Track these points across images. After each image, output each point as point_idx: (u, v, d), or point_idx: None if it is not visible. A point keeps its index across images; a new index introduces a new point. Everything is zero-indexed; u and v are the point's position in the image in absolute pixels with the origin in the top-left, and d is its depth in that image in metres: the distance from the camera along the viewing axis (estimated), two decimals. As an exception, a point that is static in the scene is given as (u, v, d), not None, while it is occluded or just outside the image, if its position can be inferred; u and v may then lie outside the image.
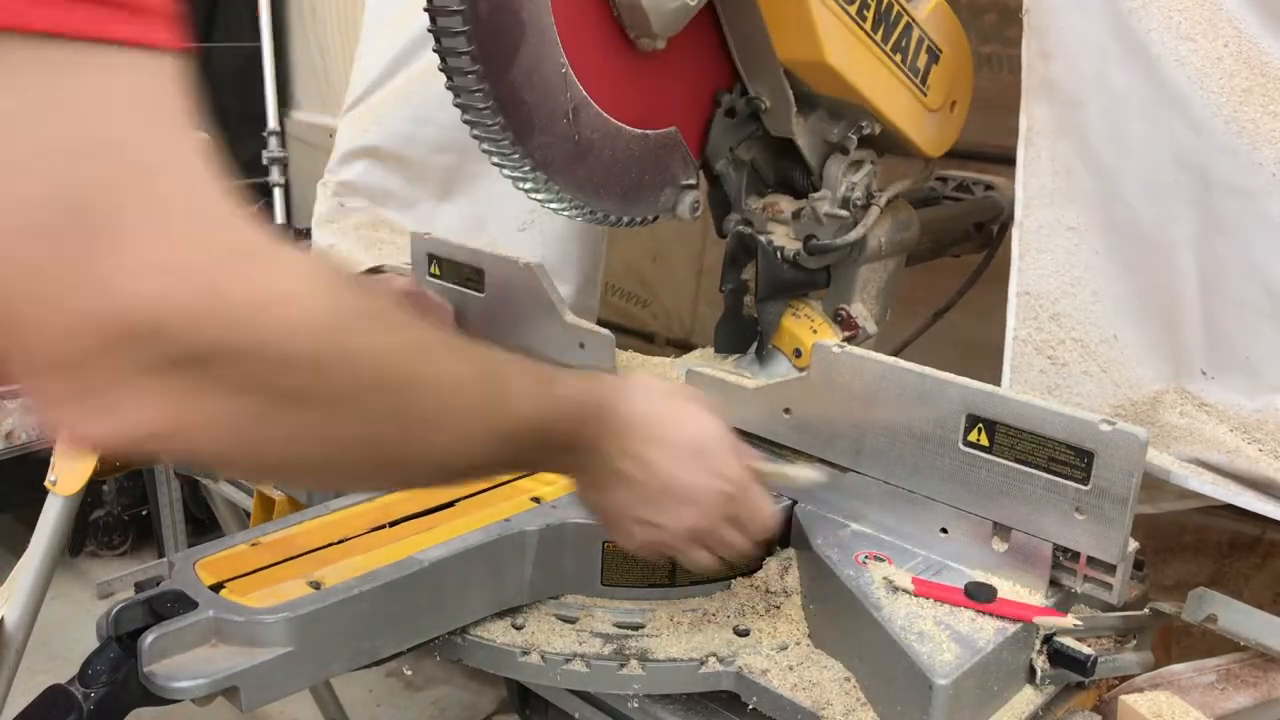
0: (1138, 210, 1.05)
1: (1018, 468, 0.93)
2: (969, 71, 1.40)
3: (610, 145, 1.20)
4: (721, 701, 0.98)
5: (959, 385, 0.96)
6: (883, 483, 1.03)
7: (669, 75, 1.23)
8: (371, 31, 1.93)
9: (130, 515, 3.30)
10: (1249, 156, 0.97)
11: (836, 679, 0.92)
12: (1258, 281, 0.99)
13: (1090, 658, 0.90)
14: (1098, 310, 1.09)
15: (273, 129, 3.41)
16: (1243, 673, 1.00)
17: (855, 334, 1.39)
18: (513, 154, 1.13)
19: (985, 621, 0.91)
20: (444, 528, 1.01)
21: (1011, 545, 0.96)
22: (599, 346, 1.27)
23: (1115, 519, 0.89)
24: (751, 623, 0.99)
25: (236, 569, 0.93)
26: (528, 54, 1.09)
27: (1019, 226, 1.13)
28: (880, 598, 0.93)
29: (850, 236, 1.32)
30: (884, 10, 1.23)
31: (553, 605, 1.03)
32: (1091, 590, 0.94)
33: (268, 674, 0.85)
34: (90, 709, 0.83)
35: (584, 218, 1.23)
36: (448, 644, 0.99)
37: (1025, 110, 1.12)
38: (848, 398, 1.03)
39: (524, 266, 1.33)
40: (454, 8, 1.03)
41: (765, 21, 1.20)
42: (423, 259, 1.49)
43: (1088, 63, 1.06)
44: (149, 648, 0.82)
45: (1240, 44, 0.97)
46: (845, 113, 1.31)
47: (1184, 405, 1.06)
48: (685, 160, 1.29)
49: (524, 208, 1.68)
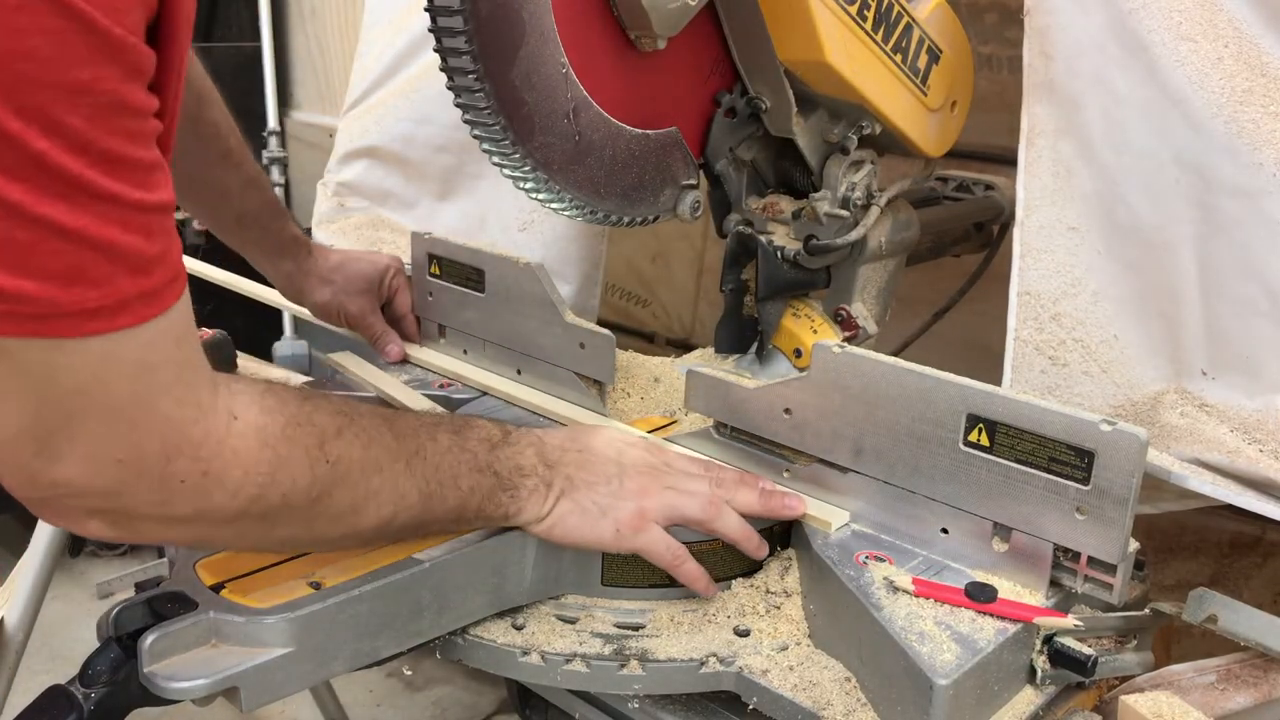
0: (1138, 210, 1.05)
1: (1018, 468, 0.93)
2: (969, 71, 1.40)
3: (611, 145, 1.20)
4: (721, 701, 0.98)
5: (959, 385, 0.96)
6: (883, 483, 1.03)
7: (669, 75, 1.23)
8: (371, 31, 1.93)
9: (130, 515, 3.30)
10: (1249, 157, 0.97)
11: (836, 679, 0.92)
12: (1258, 281, 0.99)
13: (1090, 658, 0.90)
14: (1098, 310, 1.09)
15: (273, 129, 3.41)
16: (1243, 673, 1.00)
17: (855, 334, 1.39)
18: (513, 154, 1.13)
19: (985, 622, 0.91)
20: (444, 528, 1.01)
21: (1012, 545, 0.96)
22: (599, 346, 1.27)
23: (1115, 519, 0.89)
24: (751, 623, 0.99)
25: (236, 569, 0.93)
26: (528, 54, 1.09)
27: (1020, 226, 1.13)
28: (880, 598, 0.93)
29: (850, 236, 1.32)
30: (884, 10, 1.23)
31: (553, 605, 1.03)
32: (1092, 590, 0.94)
33: (268, 674, 0.85)
34: (90, 709, 0.83)
35: (584, 218, 1.23)
36: (448, 644, 0.99)
37: (1026, 110, 1.12)
38: (848, 398, 1.03)
39: (524, 266, 1.33)
40: (454, 8, 1.03)
41: (765, 21, 1.20)
42: (423, 259, 1.48)
43: (1088, 63, 1.06)
44: (149, 648, 0.82)
45: (1240, 45, 0.97)
46: (845, 113, 1.31)
47: (1184, 405, 1.06)
48: (685, 160, 1.29)
49: (524, 208, 1.68)
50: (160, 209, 0.68)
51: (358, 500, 0.86)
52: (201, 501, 0.76)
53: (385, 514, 0.88)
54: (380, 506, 0.88)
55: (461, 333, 1.47)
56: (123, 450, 0.71)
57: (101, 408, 0.69)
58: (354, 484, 0.86)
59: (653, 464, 1.04)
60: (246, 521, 0.80)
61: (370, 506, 0.87)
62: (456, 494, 0.92)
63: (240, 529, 0.81)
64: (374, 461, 0.87)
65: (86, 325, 0.66)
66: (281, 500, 0.80)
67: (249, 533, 0.82)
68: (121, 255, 0.66)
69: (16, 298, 0.62)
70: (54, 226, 0.62)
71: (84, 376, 0.67)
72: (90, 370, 0.67)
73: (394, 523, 0.90)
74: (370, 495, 0.87)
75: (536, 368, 1.37)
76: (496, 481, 0.95)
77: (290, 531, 0.85)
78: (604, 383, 1.30)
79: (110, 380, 0.69)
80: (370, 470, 0.87)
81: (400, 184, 1.88)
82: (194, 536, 0.82)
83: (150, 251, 0.68)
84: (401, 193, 1.88)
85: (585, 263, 1.69)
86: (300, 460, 0.81)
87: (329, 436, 0.84)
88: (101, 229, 0.64)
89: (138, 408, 0.71)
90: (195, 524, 0.78)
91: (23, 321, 0.64)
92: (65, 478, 0.70)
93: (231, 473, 0.77)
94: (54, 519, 0.76)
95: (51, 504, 0.73)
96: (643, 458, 1.04)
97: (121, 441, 0.70)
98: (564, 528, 0.98)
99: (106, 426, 0.69)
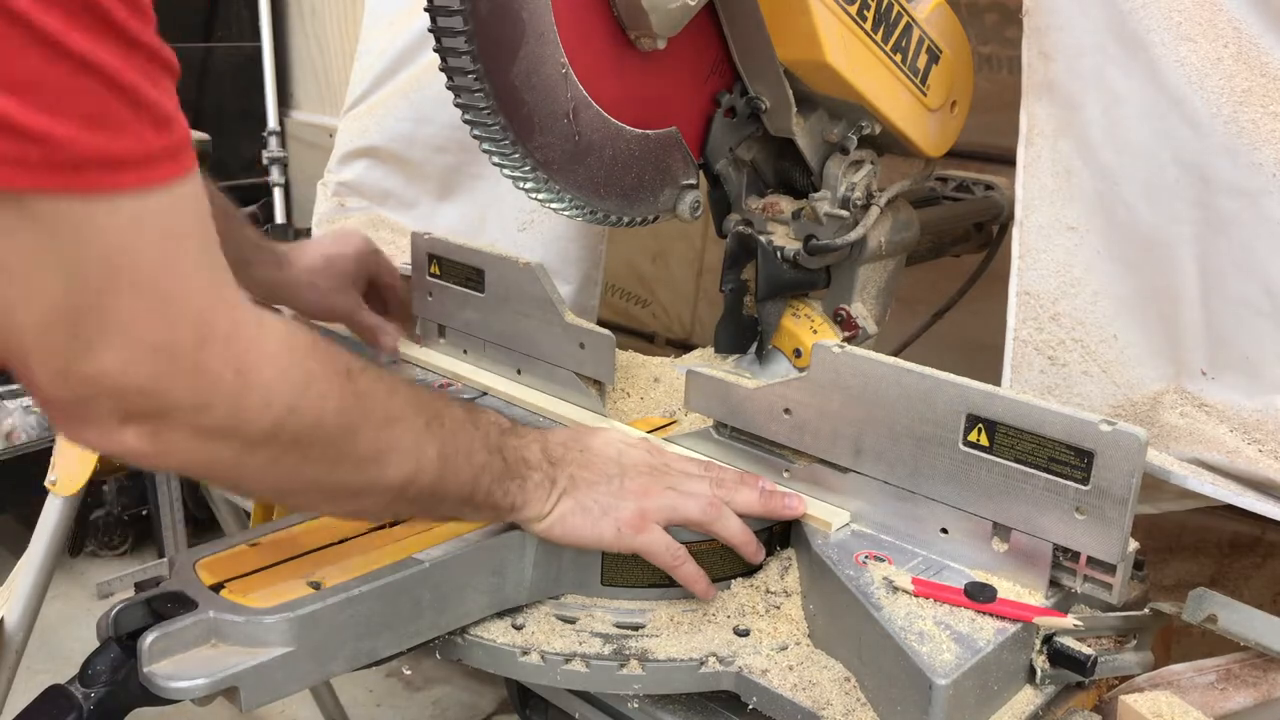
0: (1138, 210, 1.05)
1: (1018, 468, 0.93)
2: (969, 71, 1.40)
3: (610, 145, 1.20)
4: (721, 701, 0.98)
5: (959, 385, 0.96)
6: (882, 483, 1.03)
7: (669, 75, 1.23)
8: (371, 31, 1.93)
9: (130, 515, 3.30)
10: (1249, 157, 0.97)
11: (836, 679, 0.92)
12: (1258, 281, 0.99)
13: (1090, 658, 0.90)
14: (1098, 310, 1.09)
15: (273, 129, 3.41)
16: (1243, 673, 1.00)
17: (855, 334, 1.39)
18: (513, 154, 1.13)
19: (985, 621, 0.91)
20: (444, 528, 1.01)
21: (1011, 545, 0.96)
22: (599, 346, 1.27)
23: (1115, 519, 0.89)
24: (751, 623, 0.99)
25: (236, 569, 0.93)
26: (528, 54, 1.09)
27: (1019, 226, 1.13)
28: (880, 598, 0.93)
29: (850, 236, 1.32)
30: (884, 10, 1.23)
31: (553, 605, 1.03)
32: (1091, 590, 0.94)
33: (267, 674, 0.85)
34: (90, 709, 0.83)
35: (584, 218, 1.23)
36: (448, 644, 0.99)
37: (1025, 110, 1.12)
38: (848, 398, 1.03)
39: (524, 266, 1.33)
40: (454, 8, 1.03)
41: (765, 21, 1.20)
42: (423, 259, 1.49)
43: (1088, 63, 1.06)
44: (149, 648, 0.82)
45: (1240, 45, 0.97)
46: (845, 113, 1.31)
47: (1184, 405, 1.06)
48: (685, 160, 1.29)
49: (524, 208, 1.68)
50: (173, 75, 0.68)
51: (382, 447, 0.84)
52: (236, 406, 0.73)
53: (406, 470, 0.86)
54: (402, 459, 0.86)
55: (461, 333, 1.47)
56: (156, 331, 0.68)
57: (131, 283, 0.67)
58: (379, 427, 0.84)
59: (653, 464, 1.04)
60: (277, 446, 0.77)
61: (393, 458, 0.85)
62: (470, 468, 0.91)
63: (271, 455, 0.78)
64: (398, 410, 0.86)
65: (117, 177, 0.65)
66: (313, 423, 0.78)
67: (279, 462, 0.79)
68: (146, 106, 0.65)
69: (44, 139, 0.61)
70: (85, 62, 0.61)
71: (113, 243, 0.66)
72: (119, 236, 0.66)
73: (412, 484, 0.87)
74: (393, 444, 0.85)
75: (536, 368, 1.37)
76: (505, 468, 0.94)
77: (316, 471, 0.82)
78: (604, 383, 1.30)
79: (140, 249, 0.67)
80: (394, 417, 0.85)
81: (400, 184, 1.88)
82: (225, 464, 0.77)
83: (169, 108, 0.67)
84: (401, 193, 1.88)
85: (585, 263, 1.69)
86: (330, 381, 0.80)
87: (355, 370, 0.83)
88: (129, 73, 0.63)
89: (169, 278, 0.69)
90: (229, 441, 0.75)
91: (54, 171, 0.62)
92: (101, 369, 0.67)
93: (264, 373, 0.74)
94: (87, 432, 0.71)
95: (86, 409, 0.69)
96: (644, 458, 1.04)
97: (155, 321, 0.68)
98: (564, 527, 0.98)
99: (139, 302, 0.67)
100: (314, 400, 0.78)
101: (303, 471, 0.81)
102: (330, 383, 0.80)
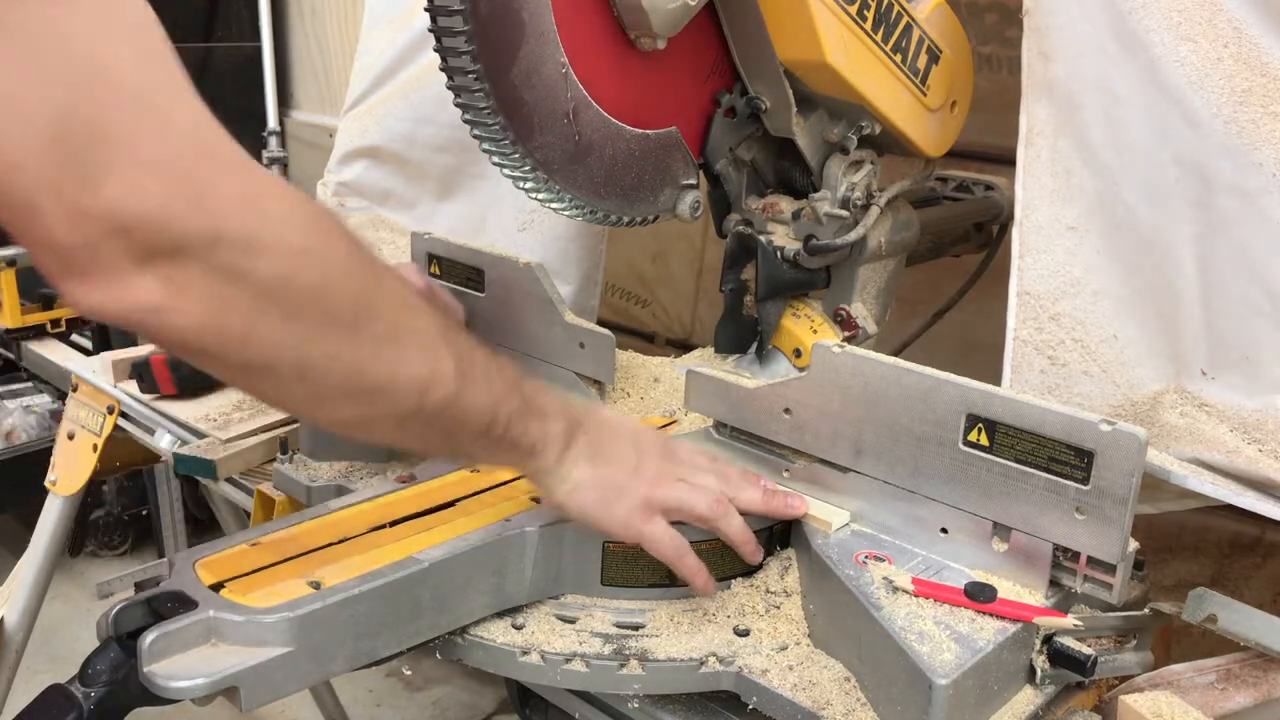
0: (1138, 210, 1.05)
1: (1018, 468, 0.93)
2: (969, 71, 1.40)
3: (610, 145, 1.21)
4: (721, 701, 0.98)
5: (959, 385, 0.96)
6: (883, 483, 1.03)
7: (669, 75, 1.24)
8: (371, 31, 1.93)
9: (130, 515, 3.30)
10: (1249, 156, 0.97)
11: (836, 679, 0.92)
12: (1258, 281, 0.99)
13: (1090, 658, 0.90)
14: (1098, 310, 1.09)
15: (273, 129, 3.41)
16: (1243, 673, 1.01)
17: (855, 334, 1.39)
18: (513, 154, 1.13)
19: (985, 621, 0.91)
20: (444, 528, 1.01)
21: (1011, 545, 0.96)
22: (599, 346, 1.27)
23: (1115, 519, 0.89)
24: (751, 623, 0.99)
25: (236, 569, 0.93)
26: (528, 54, 1.09)
27: (1019, 226, 1.13)
28: (880, 598, 0.93)
29: (850, 236, 1.32)
30: (884, 10, 1.23)
31: (553, 605, 1.03)
32: (1091, 590, 0.94)
33: (267, 674, 0.85)
34: (90, 709, 0.83)
35: (584, 218, 1.23)
36: (448, 644, 0.99)
37: (1025, 110, 1.12)
38: (848, 398, 1.03)
39: (524, 266, 1.33)
40: (454, 8, 1.03)
41: (765, 22, 1.20)
42: (423, 259, 1.48)
43: (1088, 63, 1.06)
44: (149, 648, 0.82)
45: (1240, 45, 0.97)
46: (845, 113, 1.31)
47: (1184, 405, 1.06)
48: (685, 160, 1.29)
49: (524, 208, 1.68)
50: None
51: (399, 331, 0.79)
52: (248, 236, 0.69)
53: (423, 371, 0.81)
54: (421, 354, 0.81)
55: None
56: (155, 146, 0.65)
57: (119, 89, 0.65)
58: (394, 311, 0.80)
59: (665, 451, 1.02)
60: (291, 301, 0.72)
61: (410, 350, 0.80)
62: (489, 394, 0.86)
63: (286, 311, 0.72)
64: (411, 309, 0.82)
65: None
66: (322, 278, 0.74)
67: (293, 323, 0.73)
68: None
69: None
70: None
71: (87, 45, 0.64)
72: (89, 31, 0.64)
73: (429, 394, 0.82)
74: (411, 334, 0.80)
75: (536, 368, 1.37)
76: (524, 404, 0.90)
77: (335, 344, 0.76)
78: (604, 383, 1.30)
79: (118, 52, 0.65)
80: (411, 306, 0.81)
81: (400, 184, 1.88)
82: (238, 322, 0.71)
83: None
84: (401, 193, 1.89)
85: (585, 263, 1.69)
86: (339, 240, 0.76)
87: (363, 244, 0.79)
88: None
89: (155, 91, 0.67)
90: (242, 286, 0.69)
91: None
92: (111, 199, 0.64)
93: (271, 205, 0.71)
94: (98, 287, 0.66)
95: (97, 255, 0.65)
96: (658, 443, 1.03)
97: (153, 137, 0.65)
98: (580, 501, 0.95)
99: (134, 116, 0.65)
100: (323, 253, 0.74)
101: (318, 341, 0.75)
102: (339, 242, 0.76)
